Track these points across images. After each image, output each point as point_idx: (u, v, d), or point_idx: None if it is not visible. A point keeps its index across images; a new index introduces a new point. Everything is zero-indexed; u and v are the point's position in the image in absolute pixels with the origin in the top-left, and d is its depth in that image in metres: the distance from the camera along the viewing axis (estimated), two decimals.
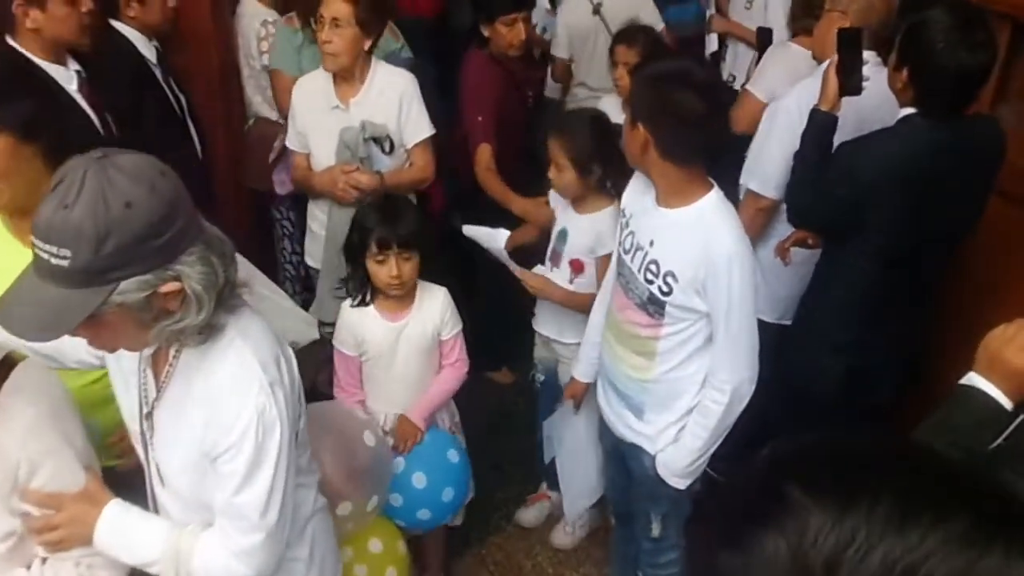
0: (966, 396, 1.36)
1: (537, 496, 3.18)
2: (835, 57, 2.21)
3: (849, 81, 2.17)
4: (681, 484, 2.13)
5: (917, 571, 0.52)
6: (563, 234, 2.61)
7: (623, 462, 2.30)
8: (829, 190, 2.18)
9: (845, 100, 2.20)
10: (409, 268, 2.34)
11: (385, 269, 2.32)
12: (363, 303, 2.43)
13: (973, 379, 1.36)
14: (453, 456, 2.51)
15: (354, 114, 2.77)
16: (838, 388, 2.34)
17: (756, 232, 2.53)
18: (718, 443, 2.08)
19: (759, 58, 3.50)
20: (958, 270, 2.53)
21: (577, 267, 2.61)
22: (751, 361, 1.99)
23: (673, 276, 1.96)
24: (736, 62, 4.14)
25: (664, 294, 1.99)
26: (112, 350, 1.42)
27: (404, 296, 2.42)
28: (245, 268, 2.26)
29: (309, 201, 3.03)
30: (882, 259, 2.20)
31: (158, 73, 2.84)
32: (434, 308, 2.46)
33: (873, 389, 2.35)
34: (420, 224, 2.38)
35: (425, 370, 2.51)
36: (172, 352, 1.43)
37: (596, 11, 3.60)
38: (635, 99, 2.01)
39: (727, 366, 1.99)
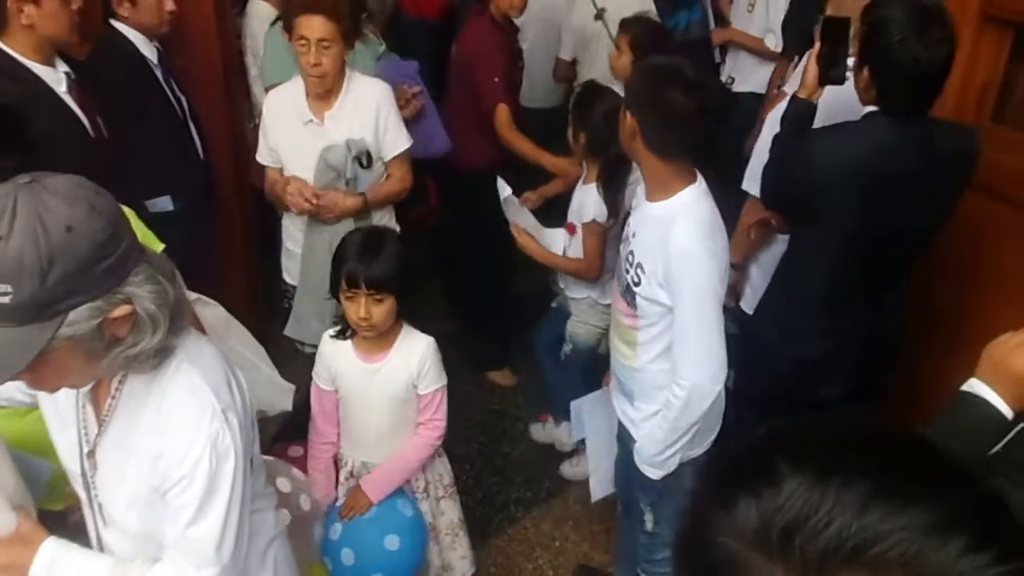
0: (968, 403, 1.35)
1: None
2: (817, 45, 2.21)
3: (831, 71, 2.16)
4: (652, 474, 2.15)
5: (867, 550, 0.52)
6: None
7: (625, 446, 2.34)
8: (791, 176, 2.20)
9: (834, 89, 2.20)
10: (380, 312, 2.14)
11: (354, 307, 2.14)
12: (343, 335, 2.27)
13: (975, 386, 1.35)
14: (391, 543, 2.28)
15: (329, 128, 2.65)
16: (790, 378, 2.35)
17: (760, 238, 2.53)
18: (687, 439, 2.08)
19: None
20: (944, 267, 2.55)
21: (571, 230, 2.94)
22: (709, 362, 1.98)
23: (641, 268, 2.05)
24: (736, 64, 4.18)
25: (635, 284, 2.08)
26: (55, 390, 1.31)
27: (381, 338, 2.24)
28: (226, 327, 2.27)
29: (284, 217, 2.90)
30: (836, 251, 2.18)
31: (159, 73, 2.84)
32: (412, 358, 2.24)
33: (825, 384, 2.32)
34: (398, 266, 2.14)
35: (400, 422, 2.32)
36: (115, 383, 1.34)
37: (599, 16, 3.65)
38: (629, 89, 2.10)
39: (682, 362, 2.01)
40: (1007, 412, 1.33)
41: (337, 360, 2.27)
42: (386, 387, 2.25)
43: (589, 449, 2.72)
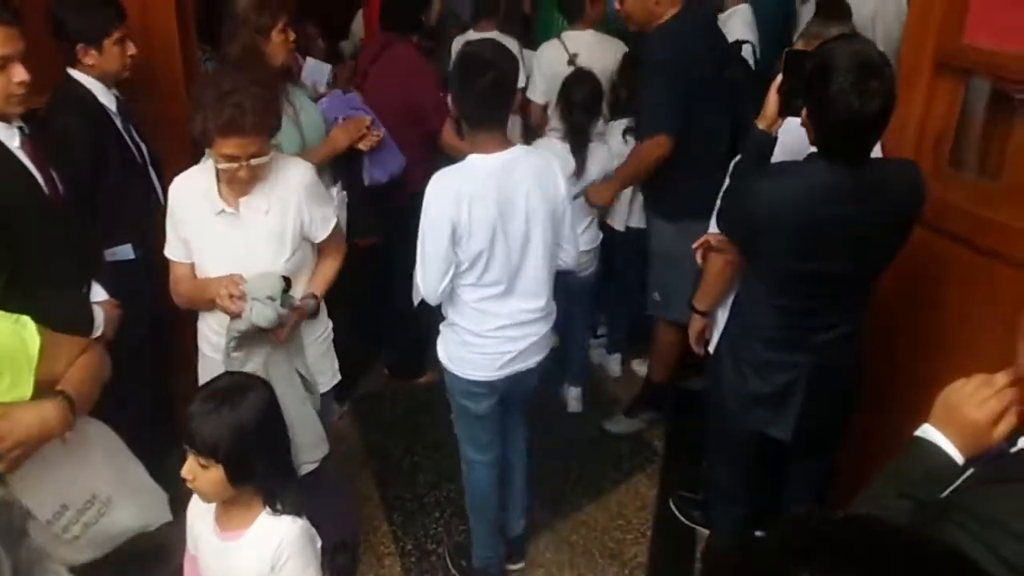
0: (920, 448, 1.37)
1: None
2: (779, 78, 2.25)
3: (791, 103, 2.19)
4: None
5: None
6: None
7: None
8: (737, 210, 2.26)
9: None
10: (205, 480, 1.79)
11: (185, 463, 1.81)
12: None
13: (928, 432, 1.37)
14: None
15: (246, 217, 2.34)
16: (741, 411, 2.40)
17: (730, 280, 2.53)
18: None
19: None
20: (905, 309, 2.60)
21: None
22: (423, 277, 2.48)
23: None
24: None
25: None
26: None
27: (239, 510, 1.88)
28: (108, 440, 2.09)
29: (199, 318, 2.56)
30: (779, 286, 2.22)
31: (118, 122, 2.80)
32: (265, 547, 1.85)
33: (778, 420, 2.35)
34: (233, 435, 1.76)
35: None
36: None
37: (571, 62, 3.72)
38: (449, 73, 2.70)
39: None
40: (958, 458, 1.34)
41: (196, 523, 1.97)
42: (242, 572, 1.88)
43: None
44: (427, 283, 2.48)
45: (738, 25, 4.03)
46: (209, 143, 2.22)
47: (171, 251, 2.46)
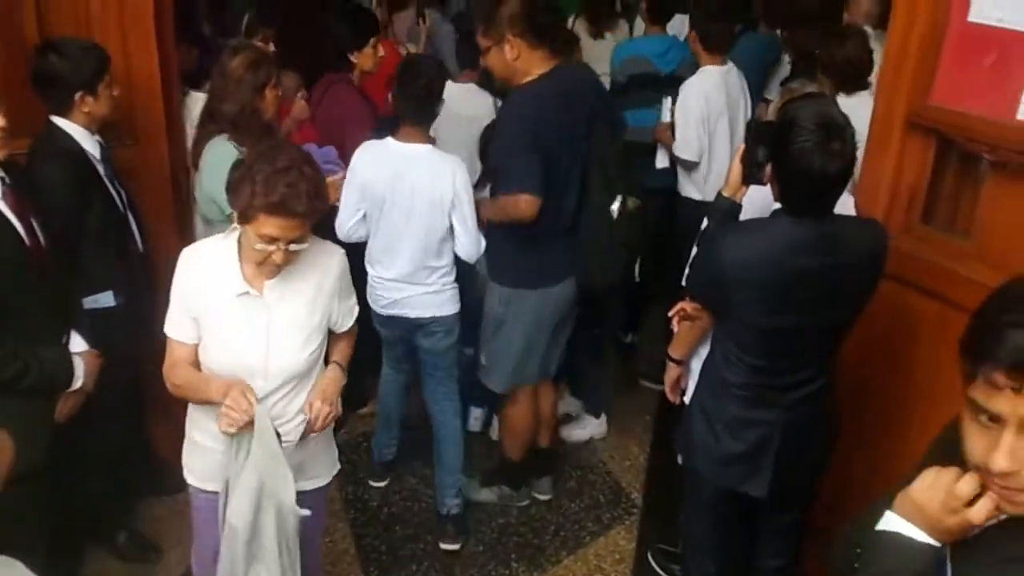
0: (891, 544, 1.28)
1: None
2: (743, 146, 2.31)
3: (754, 171, 2.25)
4: None
5: None
6: None
7: None
8: (705, 270, 2.30)
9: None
10: None
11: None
12: None
13: (895, 523, 1.28)
14: None
15: (270, 302, 2.15)
16: (714, 470, 2.40)
17: (703, 329, 2.54)
18: None
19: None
20: (880, 363, 2.64)
21: None
22: (340, 215, 3.12)
23: None
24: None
25: None
26: None
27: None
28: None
29: (189, 404, 2.29)
30: (749, 344, 2.24)
31: (101, 169, 2.80)
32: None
33: (751, 478, 2.35)
34: None
35: None
36: None
37: None
38: None
39: None
40: (934, 542, 1.25)
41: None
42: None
43: None
44: (341, 220, 3.10)
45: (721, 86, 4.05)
46: (249, 219, 2.03)
47: (173, 329, 2.20)
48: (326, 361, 2.33)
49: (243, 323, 2.15)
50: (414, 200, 3.02)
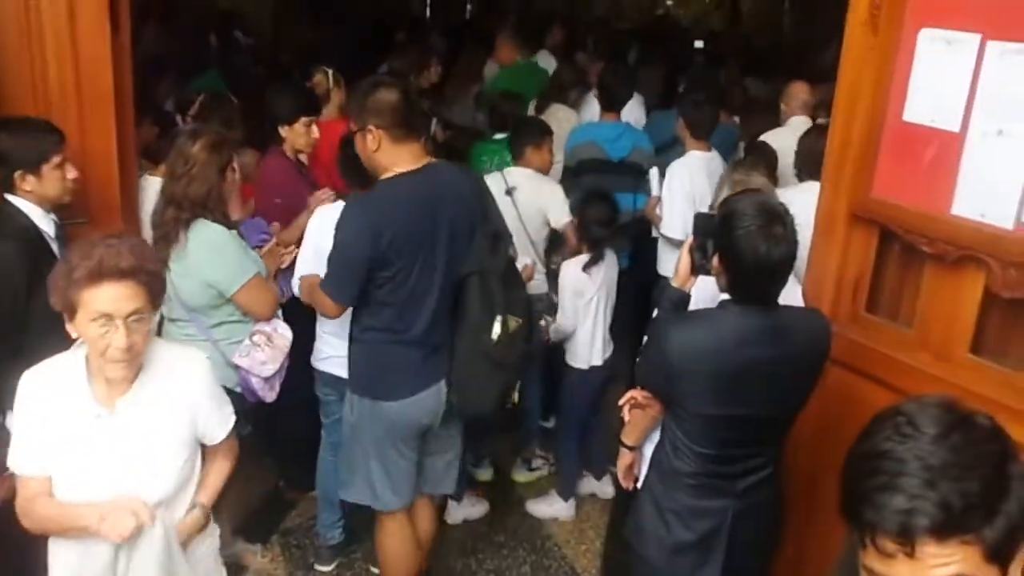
0: None
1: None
2: (691, 238, 2.37)
3: (702, 262, 2.31)
4: None
5: None
6: None
7: None
8: (652, 360, 2.32)
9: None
10: None
11: None
12: None
13: None
14: None
15: (125, 419, 1.96)
16: (666, 558, 2.36)
17: (642, 418, 2.55)
18: None
19: None
20: (825, 449, 2.59)
21: None
22: None
23: None
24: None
25: None
26: None
27: None
28: None
29: (49, 539, 2.07)
30: (697, 433, 2.25)
31: (55, 247, 2.78)
32: None
33: (702, 567, 2.34)
34: None
35: None
36: None
37: (508, 193, 3.83)
38: None
39: None
40: None
41: None
42: None
43: None
44: (296, 278, 3.17)
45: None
46: (76, 305, 1.84)
47: (21, 464, 1.96)
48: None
49: (98, 447, 1.94)
50: None
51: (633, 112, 5.08)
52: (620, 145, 4.45)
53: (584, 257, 3.74)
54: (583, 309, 3.77)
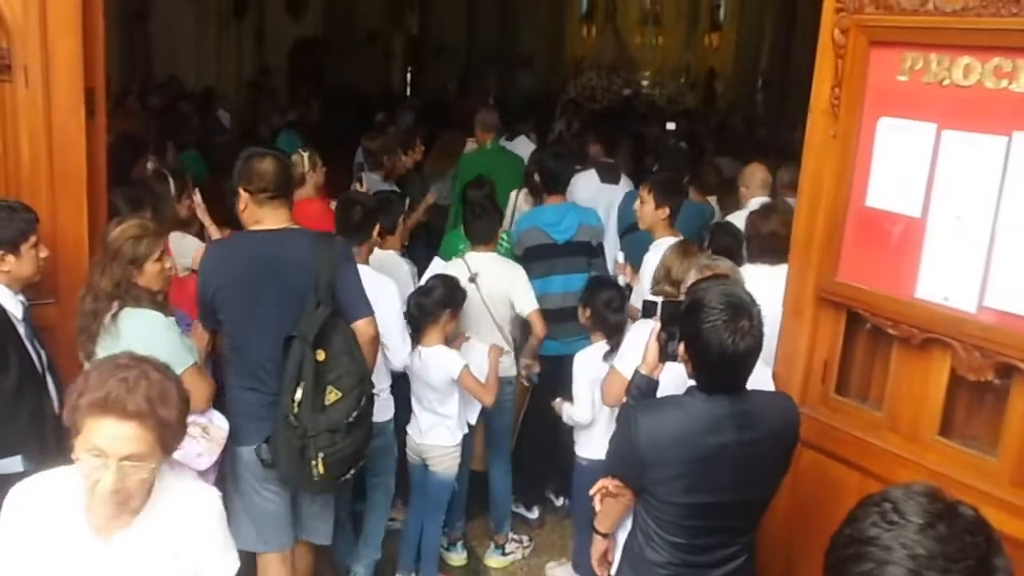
0: None
1: None
2: (657, 326, 2.38)
3: (670, 349, 2.31)
4: None
5: None
6: None
7: None
8: (620, 448, 2.30)
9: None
10: None
11: None
12: None
13: None
14: None
15: (121, 552, 1.80)
16: None
17: (623, 511, 2.52)
18: None
19: None
20: (797, 533, 2.64)
21: None
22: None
23: None
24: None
25: None
26: None
27: None
28: None
29: None
30: (669, 521, 2.21)
31: (21, 330, 2.74)
32: None
33: None
34: None
35: None
36: None
37: (472, 280, 3.81)
38: None
39: None
40: None
41: None
42: None
43: None
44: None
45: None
46: (77, 429, 1.71)
47: None
48: None
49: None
50: None
51: (588, 187, 5.16)
52: (564, 227, 4.37)
53: (603, 345, 3.57)
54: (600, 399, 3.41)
